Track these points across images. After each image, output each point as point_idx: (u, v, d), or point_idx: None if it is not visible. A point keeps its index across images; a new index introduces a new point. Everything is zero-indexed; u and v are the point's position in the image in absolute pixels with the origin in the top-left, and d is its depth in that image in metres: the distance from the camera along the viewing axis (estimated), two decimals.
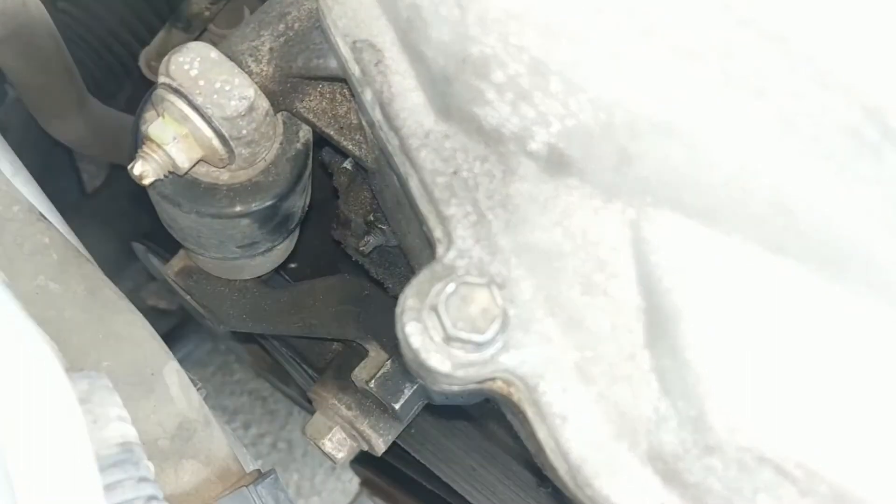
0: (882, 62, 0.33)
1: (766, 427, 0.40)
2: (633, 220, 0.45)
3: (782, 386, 0.40)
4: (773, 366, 0.40)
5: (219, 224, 0.66)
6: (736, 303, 0.41)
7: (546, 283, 0.47)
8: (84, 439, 0.42)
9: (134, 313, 0.67)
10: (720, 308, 0.42)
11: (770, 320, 0.41)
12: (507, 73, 0.44)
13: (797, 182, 0.37)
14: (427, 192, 0.50)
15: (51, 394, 0.41)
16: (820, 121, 0.36)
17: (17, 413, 0.40)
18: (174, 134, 0.60)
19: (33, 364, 0.41)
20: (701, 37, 0.37)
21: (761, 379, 0.40)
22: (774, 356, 0.40)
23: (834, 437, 0.39)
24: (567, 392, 0.47)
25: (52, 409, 0.41)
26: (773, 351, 0.40)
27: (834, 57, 0.34)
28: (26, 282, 0.62)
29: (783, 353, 0.40)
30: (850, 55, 0.34)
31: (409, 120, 0.51)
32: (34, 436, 0.39)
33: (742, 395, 0.41)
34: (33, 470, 0.39)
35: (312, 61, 0.60)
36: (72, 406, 0.42)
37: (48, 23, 0.86)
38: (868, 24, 0.34)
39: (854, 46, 0.34)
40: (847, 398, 0.39)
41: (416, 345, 0.46)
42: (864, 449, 0.39)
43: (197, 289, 0.88)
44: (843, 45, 0.34)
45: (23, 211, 0.65)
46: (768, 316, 0.41)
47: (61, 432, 0.41)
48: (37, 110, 1.00)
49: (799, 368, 0.40)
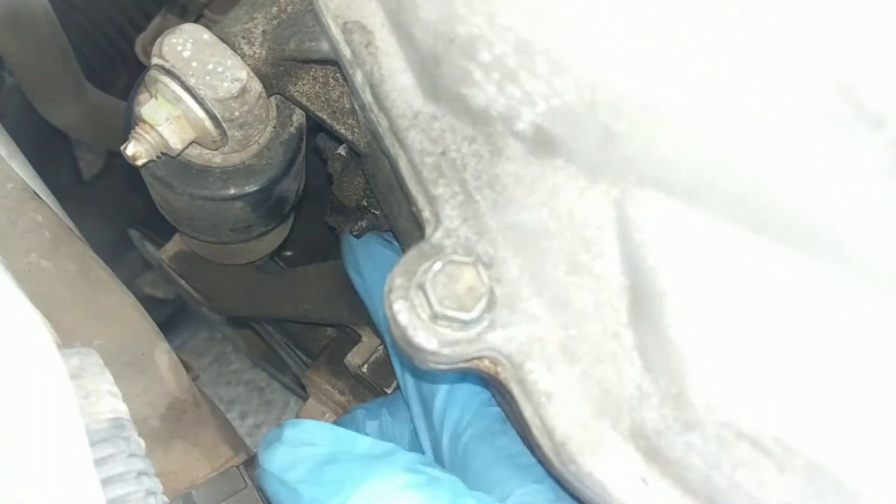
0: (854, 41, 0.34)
1: (744, 403, 0.40)
2: (618, 199, 0.45)
3: (760, 363, 0.41)
4: (751, 343, 0.41)
5: (212, 206, 0.66)
6: (717, 281, 0.42)
7: (532, 263, 0.48)
8: (75, 413, 0.43)
9: (125, 293, 0.67)
10: (702, 286, 0.42)
11: (750, 299, 0.41)
12: (494, 53, 0.45)
13: (776, 161, 0.38)
14: (416, 172, 0.50)
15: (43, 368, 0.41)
16: (797, 100, 0.36)
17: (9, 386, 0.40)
18: (167, 115, 0.60)
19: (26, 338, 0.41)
20: (682, 19, 0.38)
21: (740, 356, 0.41)
22: (753, 333, 0.41)
23: (809, 412, 0.39)
24: (552, 370, 0.47)
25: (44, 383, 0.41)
26: (752, 328, 0.41)
27: (809, 38, 0.35)
28: (19, 259, 0.62)
29: (762, 331, 0.41)
30: (824, 35, 0.34)
31: (398, 101, 0.52)
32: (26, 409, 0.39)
33: (721, 371, 0.41)
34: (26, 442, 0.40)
35: (305, 44, 0.61)
36: (64, 380, 0.43)
37: (46, 7, 0.86)
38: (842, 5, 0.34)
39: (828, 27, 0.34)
40: (822, 375, 0.40)
41: (404, 322, 0.47)
42: (838, 424, 0.39)
43: (191, 273, 0.89)
44: (818, 27, 0.35)
45: (17, 189, 0.65)
46: (748, 294, 0.41)
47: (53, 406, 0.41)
48: (34, 95, 1.00)
49: (777, 346, 0.40)
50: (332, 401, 0.91)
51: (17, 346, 0.41)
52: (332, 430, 0.56)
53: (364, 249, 0.74)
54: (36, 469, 0.40)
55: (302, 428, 0.57)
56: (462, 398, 0.59)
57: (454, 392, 0.59)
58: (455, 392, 0.59)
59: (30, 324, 0.43)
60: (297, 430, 0.57)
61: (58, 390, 0.43)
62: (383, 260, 0.72)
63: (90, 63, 1.22)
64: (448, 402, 0.59)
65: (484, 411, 0.58)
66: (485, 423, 0.57)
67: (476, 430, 0.57)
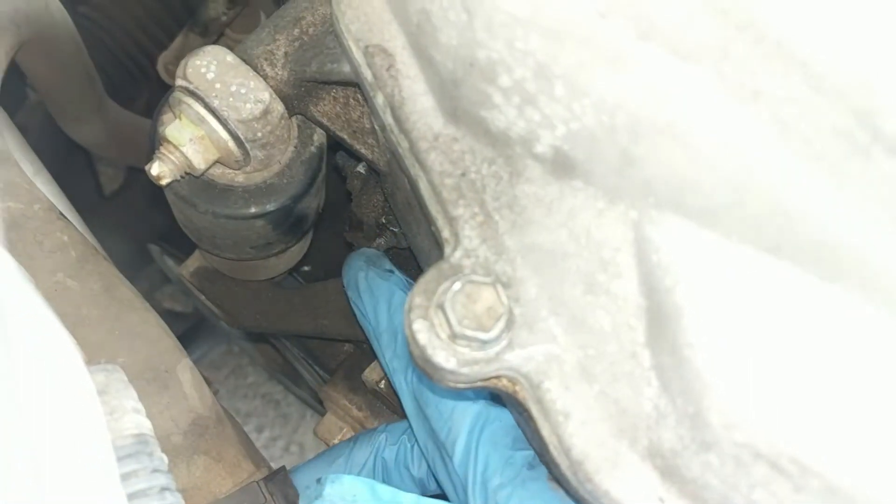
0: (872, 67, 0.34)
1: (762, 423, 0.41)
2: (636, 220, 0.46)
3: (777, 384, 0.41)
4: (768, 364, 0.41)
5: (234, 225, 0.68)
6: (734, 302, 0.42)
7: (550, 283, 0.48)
8: (103, 430, 0.43)
9: (149, 311, 0.68)
10: (719, 307, 0.43)
11: (766, 320, 0.42)
12: (514, 78, 0.45)
13: (792, 184, 0.38)
14: (436, 193, 0.51)
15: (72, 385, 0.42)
16: (813, 124, 0.37)
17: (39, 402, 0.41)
18: (191, 136, 0.61)
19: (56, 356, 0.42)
20: (698, 41, 0.38)
21: (757, 376, 0.41)
22: (770, 354, 0.41)
23: (826, 433, 0.40)
24: (570, 390, 0.48)
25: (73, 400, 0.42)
26: (769, 349, 0.41)
27: (827, 62, 0.35)
28: (45, 278, 0.63)
29: (778, 352, 0.41)
30: (842, 60, 0.35)
31: (418, 123, 0.52)
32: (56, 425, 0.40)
33: (739, 392, 0.41)
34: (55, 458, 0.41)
35: (326, 65, 0.62)
36: (91, 397, 0.44)
37: (70, 27, 0.88)
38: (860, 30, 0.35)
39: (846, 52, 0.35)
40: (839, 396, 0.40)
41: (423, 341, 0.47)
42: (855, 445, 0.39)
43: (211, 289, 0.90)
44: (835, 51, 0.35)
45: (43, 209, 0.66)
46: (765, 315, 0.42)
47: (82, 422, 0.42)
48: (57, 113, 1.02)
49: (793, 367, 0.41)
50: (349, 416, 0.91)
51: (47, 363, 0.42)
52: (371, 488, 0.56)
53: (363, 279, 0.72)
54: (65, 484, 0.41)
55: (342, 484, 0.56)
56: (485, 447, 0.58)
57: (474, 441, 0.58)
58: (475, 441, 0.58)
59: (59, 342, 0.44)
60: (338, 486, 0.56)
61: (86, 407, 0.44)
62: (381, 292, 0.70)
63: (112, 80, 1.24)
64: (469, 451, 0.58)
65: (510, 458, 0.57)
66: (512, 470, 0.56)
67: (505, 478, 0.56)
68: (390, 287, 0.69)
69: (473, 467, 0.57)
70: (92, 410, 0.44)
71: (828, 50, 0.35)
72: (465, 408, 0.60)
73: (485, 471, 0.57)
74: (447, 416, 0.60)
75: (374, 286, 0.70)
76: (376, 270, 0.71)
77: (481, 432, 0.58)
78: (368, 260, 0.73)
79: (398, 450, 0.70)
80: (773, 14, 0.36)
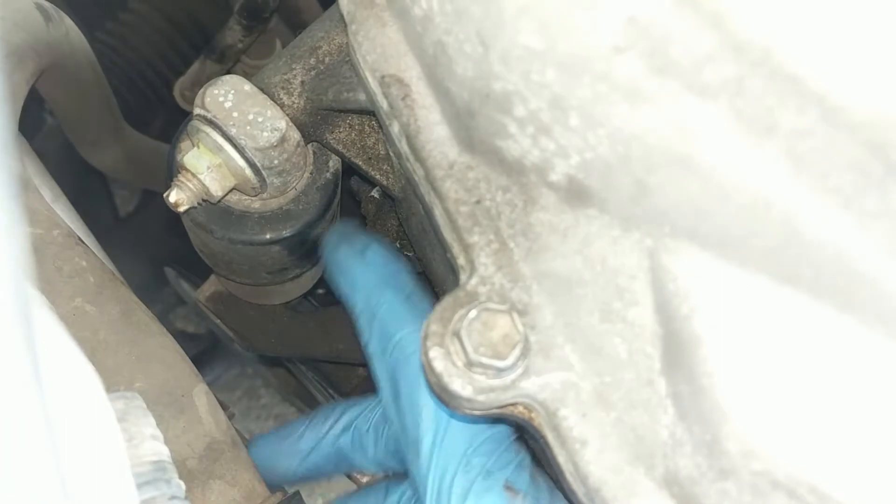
0: (887, 101, 0.35)
1: (780, 452, 0.41)
2: (651, 249, 0.46)
3: (795, 412, 0.41)
4: (785, 393, 0.41)
5: (250, 251, 0.68)
6: (751, 331, 0.43)
7: (566, 310, 0.49)
8: (123, 457, 0.44)
9: (166, 336, 0.69)
10: (736, 336, 0.43)
11: (783, 349, 0.42)
12: (529, 108, 0.46)
13: (807, 216, 0.39)
14: (451, 220, 0.52)
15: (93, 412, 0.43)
16: (828, 157, 0.37)
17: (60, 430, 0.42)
18: (208, 163, 0.62)
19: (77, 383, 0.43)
20: (714, 77, 0.39)
21: (774, 405, 0.41)
22: (787, 383, 0.41)
23: (845, 463, 0.40)
24: (586, 417, 0.48)
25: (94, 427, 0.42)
26: (786, 378, 0.41)
27: (842, 96, 0.36)
28: (64, 303, 0.64)
29: (795, 381, 0.41)
30: (857, 94, 0.35)
31: (434, 151, 0.53)
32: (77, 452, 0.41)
33: (756, 420, 0.42)
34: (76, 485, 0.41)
35: (342, 94, 0.63)
36: (112, 425, 0.44)
37: (89, 54, 0.89)
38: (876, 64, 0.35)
39: (862, 86, 0.35)
40: (856, 426, 0.40)
41: (439, 369, 0.48)
42: (873, 475, 0.39)
43: (227, 313, 0.90)
44: (851, 85, 0.35)
45: (62, 235, 0.67)
46: (781, 344, 0.42)
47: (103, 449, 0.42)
48: (76, 138, 1.03)
49: (811, 396, 0.41)
50: None
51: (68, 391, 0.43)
52: None
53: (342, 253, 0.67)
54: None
55: None
56: (445, 453, 0.57)
57: (437, 444, 0.57)
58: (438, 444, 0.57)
59: (80, 370, 0.44)
60: None
61: (107, 434, 0.44)
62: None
63: (128, 104, 1.26)
64: (431, 455, 0.57)
65: (468, 465, 0.56)
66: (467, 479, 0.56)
67: (460, 488, 0.56)
68: (364, 267, 0.64)
69: (433, 472, 0.57)
70: (113, 438, 0.44)
71: (843, 84, 0.35)
72: (434, 406, 0.58)
73: (443, 476, 0.56)
74: (418, 411, 0.59)
75: (346, 267, 0.66)
76: (348, 249, 0.66)
77: (444, 435, 0.57)
78: (341, 237, 0.68)
79: (352, 436, 0.69)
80: (788, 49, 0.36)
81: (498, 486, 0.55)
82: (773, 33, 0.37)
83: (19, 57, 0.71)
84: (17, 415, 0.30)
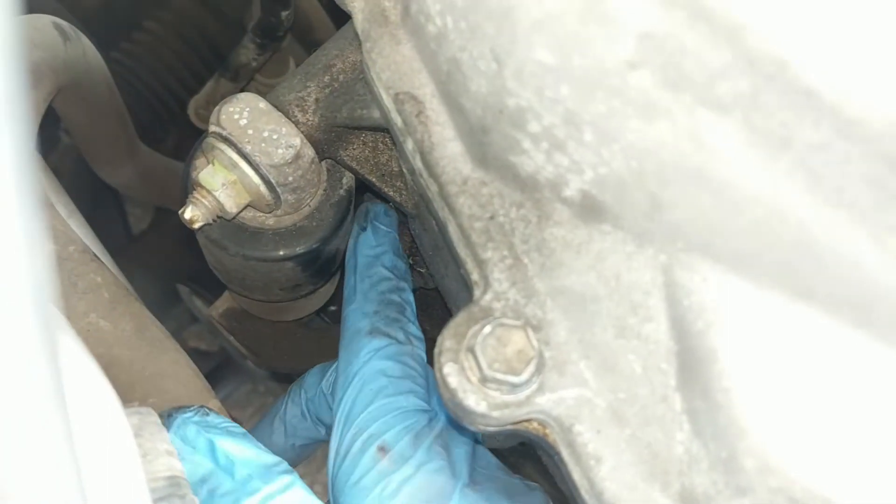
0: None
1: (797, 468, 0.41)
2: (666, 264, 0.46)
3: (811, 429, 0.41)
4: (801, 409, 0.41)
5: (264, 267, 0.68)
6: (765, 346, 0.42)
7: (580, 326, 0.49)
8: (139, 472, 0.44)
9: (179, 352, 0.69)
10: (751, 351, 0.43)
11: (797, 364, 0.41)
12: (543, 124, 0.46)
13: (823, 231, 0.39)
14: (465, 236, 0.52)
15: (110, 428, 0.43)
16: (843, 171, 0.37)
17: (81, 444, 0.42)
18: (223, 180, 0.63)
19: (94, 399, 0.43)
20: (727, 91, 0.39)
21: (791, 420, 0.41)
22: (802, 399, 0.41)
23: (862, 480, 0.39)
24: (601, 433, 0.47)
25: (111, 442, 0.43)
26: (801, 393, 0.41)
27: (857, 110, 0.36)
28: (79, 319, 0.64)
29: (811, 397, 0.41)
30: (872, 108, 0.35)
31: (448, 168, 0.53)
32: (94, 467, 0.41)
33: (773, 436, 0.41)
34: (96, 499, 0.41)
35: (356, 112, 0.63)
36: (129, 440, 0.44)
37: (105, 73, 0.90)
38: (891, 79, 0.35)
39: (877, 100, 0.35)
40: (873, 443, 0.40)
41: (454, 385, 0.48)
42: (890, 491, 0.39)
43: (240, 330, 0.90)
44: (866, 99, 0.35)
45: (77, 251, 0.68)
46: (796, 359, 0.42)
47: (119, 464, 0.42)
48: (91, 156, 1.04)
49: (827, 413, 0.41)
50: None
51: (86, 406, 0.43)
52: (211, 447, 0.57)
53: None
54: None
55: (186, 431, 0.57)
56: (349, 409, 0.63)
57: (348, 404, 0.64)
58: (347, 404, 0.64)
59: (97, 385, 0.45)
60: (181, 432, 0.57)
61: (123, 450, 0.44)
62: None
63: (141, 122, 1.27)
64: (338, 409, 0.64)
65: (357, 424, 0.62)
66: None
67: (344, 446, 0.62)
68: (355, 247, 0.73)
69: (336, 426, 0.64)
70: (129, 453, 0.44)
71: (859, 98, 0.35)
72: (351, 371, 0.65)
73: (342, 434, 0.63)
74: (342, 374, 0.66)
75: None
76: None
77: (353, 398, 0.64)
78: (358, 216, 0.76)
79: (318, 397, 0.76)
80: (802, 64, 0.36)
81: (373, 447, 0.60)
82: (788, 48, 0.37)
83: (37, 75, 0.72)
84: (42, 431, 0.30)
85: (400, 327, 0.68)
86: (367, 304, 0.68)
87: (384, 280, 0.70)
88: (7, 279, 0.25)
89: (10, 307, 0.26)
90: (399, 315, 0.68)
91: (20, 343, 0.27)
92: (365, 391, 0.63)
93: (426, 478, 0.59)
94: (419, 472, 0.59)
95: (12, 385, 0.28)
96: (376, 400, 0.62)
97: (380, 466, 0.59)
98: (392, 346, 0.66)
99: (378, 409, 0.62)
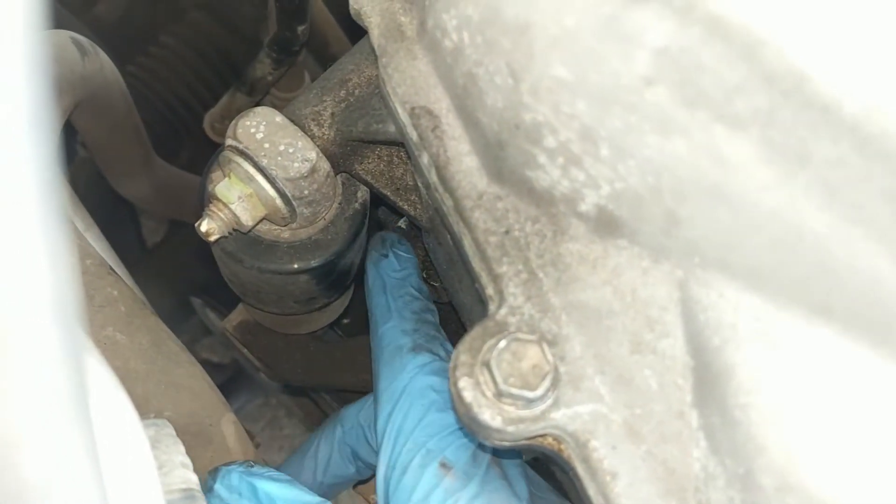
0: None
1: (815, 487, 0.40)
2: (682, 280, 0.46)
3: (829, 447, 0.40)
4: (819, 425, 0.41)
5: (278, 280, 0.69)
6: (782, 363, 0.42)
7: (596, 341, 0.49)
8: (157, 484, 0.44)
9: (195, 365, 0.69)
10: (768, 368, 0.43)
11: (815, 381, 0.41)
12: (559, 139, 0.46)
13: (841, 248, 0.38)
14: (480, 250, 0.52)
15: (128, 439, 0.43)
16: (862, 188, 0.37)
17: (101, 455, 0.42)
18: (239, 193, 0.63)
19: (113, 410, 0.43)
20: (744, 108, 0.39)
21: (808, 439, 0.41)
22: (819, 416, 0.41)
23: (880, 495, 0.39)
24: (617, 449, 0.47)
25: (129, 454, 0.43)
26: (818, 411, 0.41)
27: (876, 126, 0.36)
28: (96, 332, 0.65)
29: (829, 414, 0.41)
30: (892, 124, 0.35)
31: (463, 182, 0.53)
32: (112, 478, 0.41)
33: (791, 454, 0.41)
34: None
35: (372, 126, 0.63)
36: (146, 452, 0.45)
37: (122, 87, 0.91)
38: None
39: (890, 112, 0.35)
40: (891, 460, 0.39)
41: (469, 399, 0.48)
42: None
43: (254, 343, 0.91)
44: (885, 115, 0.35)
45: (94, 264, 0.68)
46: (813, 376, 0.41)
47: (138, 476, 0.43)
48: (107, 169, 1.04)
49: (843, 429, 0.40)
50: None
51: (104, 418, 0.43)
52: (252, 488, 0.58)
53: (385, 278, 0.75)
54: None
55: (230, 480, 0.59)
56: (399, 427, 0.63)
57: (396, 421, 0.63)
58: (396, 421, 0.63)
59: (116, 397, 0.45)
60: (226, 482, 0.59)
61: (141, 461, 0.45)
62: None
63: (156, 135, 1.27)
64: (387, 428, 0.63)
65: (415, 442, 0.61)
66: None
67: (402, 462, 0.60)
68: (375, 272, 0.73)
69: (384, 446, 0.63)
70: (146, 465, 0.44)
71: (877, 114, 0.35)
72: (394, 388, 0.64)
73: (392, 452, 0.62)
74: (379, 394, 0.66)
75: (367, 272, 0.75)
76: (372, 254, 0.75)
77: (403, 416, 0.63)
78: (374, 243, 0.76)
79: (356, 431, 0.75)
80: (820, 79, 0.36)
81: (434, 463, 0.59)
82: (805, 64, 0.37)
83: (55, 90, 0.73)
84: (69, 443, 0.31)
85: (440, 344, 0.67)
86: (405, 322, 0.68)
87: (416, 300, 0.70)
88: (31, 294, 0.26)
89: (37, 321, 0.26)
90: (437, 333, 0.68)
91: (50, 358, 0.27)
92: (416, 406, 0.62)
93: (492, 497, 0.58)
94: (484, 490, 0.58)
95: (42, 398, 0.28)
96: (428, 415, 0.62)
97: (445, 484, 0.58)
98: (436, 363, 0.65)
99: (432, 423, 0.61)
